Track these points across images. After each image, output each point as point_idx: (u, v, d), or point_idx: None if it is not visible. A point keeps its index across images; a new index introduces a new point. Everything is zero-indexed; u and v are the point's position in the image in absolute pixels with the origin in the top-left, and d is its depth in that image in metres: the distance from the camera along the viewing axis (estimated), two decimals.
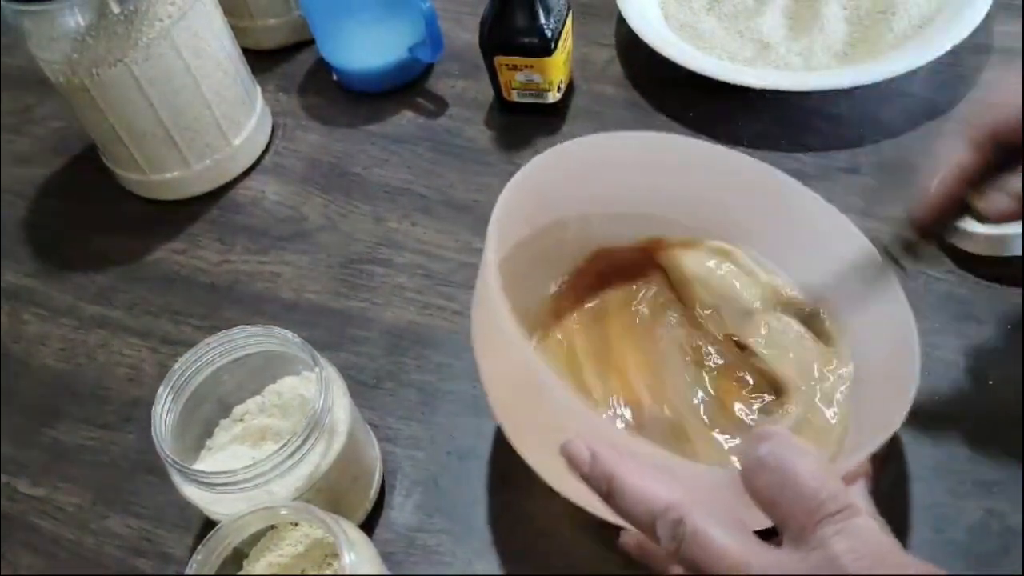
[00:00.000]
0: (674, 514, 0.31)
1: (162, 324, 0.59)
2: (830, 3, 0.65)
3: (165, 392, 0.42)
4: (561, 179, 0.47)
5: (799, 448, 0.31)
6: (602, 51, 0.70)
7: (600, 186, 0.49)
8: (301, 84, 0.73)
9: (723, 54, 0.65)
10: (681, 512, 0.31)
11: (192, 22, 0.58)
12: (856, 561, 0.28)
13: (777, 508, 0.30)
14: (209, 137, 0.63)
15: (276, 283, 0.60)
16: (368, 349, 0.55)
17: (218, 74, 0.62)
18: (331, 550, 0.41)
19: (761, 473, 0.31)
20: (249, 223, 0.64)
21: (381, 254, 0.60)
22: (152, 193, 0.66)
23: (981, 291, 0.52)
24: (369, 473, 0.47)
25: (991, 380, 0.49)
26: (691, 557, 0.30)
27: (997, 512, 0.44)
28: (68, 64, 0.57)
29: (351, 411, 0.44)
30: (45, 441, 0.54)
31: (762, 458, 0.31)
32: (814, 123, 0.62)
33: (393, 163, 0.66)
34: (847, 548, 0.28)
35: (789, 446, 0.31)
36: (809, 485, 0.30)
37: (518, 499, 0.48)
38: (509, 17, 0.60)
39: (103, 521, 0.51)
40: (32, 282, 0.63)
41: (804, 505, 0.29)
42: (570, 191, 0.48)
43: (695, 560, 0.30)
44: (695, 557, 0.30)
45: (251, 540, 0.41)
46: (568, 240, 0.51)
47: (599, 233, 0.51)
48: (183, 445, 0.44)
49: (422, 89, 0.70)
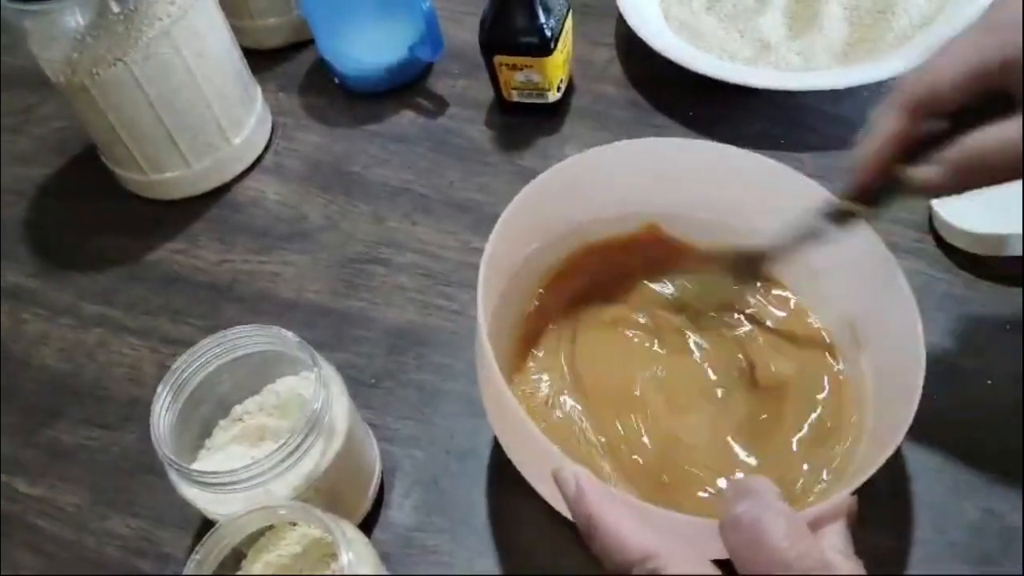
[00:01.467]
0: (651, 564, 0.31)
1: (162, 324, 0.59)
2: (830, 3, 0.65)
3: (164, 392, 0.42)
4: (555, 200, 0.47)
5: (775, 508, 0.31)
6: (602, 51, 0.70)
7: (597, 197, 0.49)
8: (301, 84, 0.73)
9: (723, 54, 0.65)
10: (658, 564, 0.31)
11: (192, 21, 0.58)
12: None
13: (748, 565, 0.31)
14: (209, 137, 0.63)
15: (276, 283, 0.60)
16: (368, 349, 0.55)
17: (218, 74, 0.62)
18: (330, 550, 0.41)
19: (736, 531, 0.31)
20: (249, 223, 0.64)
21: (381, 254, 0.60)
22: (152, 193, 0.66)
23: (981, 291, 0.52)
24: (368, 473, 0.47)
25: (991, 380, 0.49)
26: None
27: (997, 512, 0.44)
28: (68, 64, 0.57)
29: (350, 411, 0.44)
30: (45, 441, 0.54)
31: (738, 516, 0.31)
32: (814, 123, 0.62)
33: (393, 163, 0.66)
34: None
35: (766, 506, 0.31)
36: (779, 546, 0.30)
37: (517, 499, 0.48)
38: (509, 17, 0.60)
39: (102, 521, 0.51)
40: (32, 282, 0.63)
41: (772, 565, 0.30)
42: (567, 207, 0.49)
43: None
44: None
45: (249, 540, 0.41)
46: (569, 244, 0.51)
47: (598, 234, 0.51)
48: (182, 445, 0.44)
49: (422, 89, 0.70)
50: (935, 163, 0.38)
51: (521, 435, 0.39)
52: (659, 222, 0.51)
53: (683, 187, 0.49)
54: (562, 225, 0.50)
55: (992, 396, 0.48)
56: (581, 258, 0.52)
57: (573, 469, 0.34)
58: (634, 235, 0.52)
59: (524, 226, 0.46)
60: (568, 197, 0.48)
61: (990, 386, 0.48)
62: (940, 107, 0.38)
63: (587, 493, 0.33)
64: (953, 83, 0.37)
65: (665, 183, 0.49)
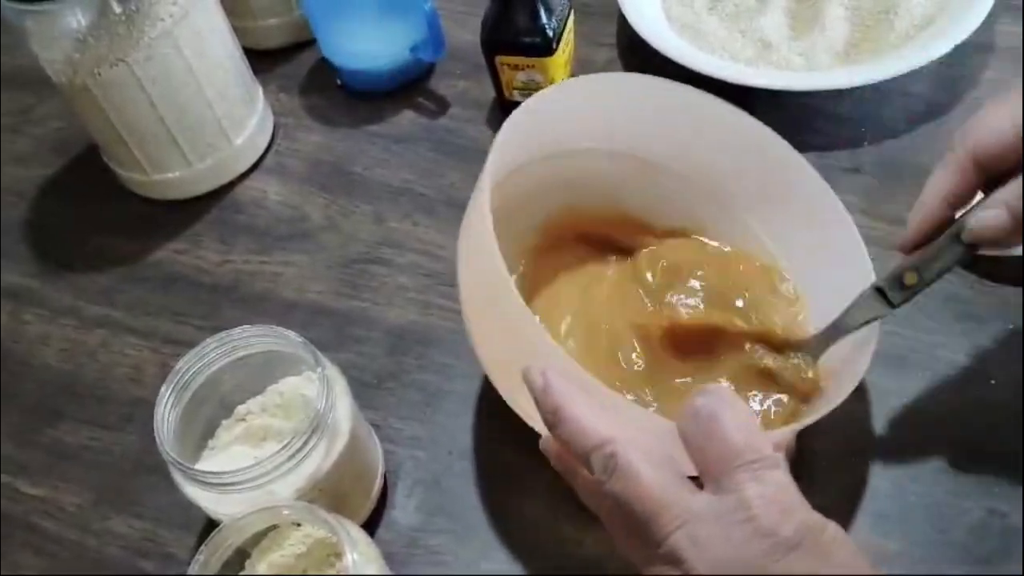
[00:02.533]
0: (608, 448, 0.33)
1: (163, 324, 0.59)
2: (832, 3, 0.65)
3: (167, 392, 0.42)
4: (562, 113, 0.48)
5: (732, 403, 0.33)
6: (603, 51, 0.70)
7: (599, 123, 0.50)
8: (302, 84, 0.73)
9: (724, 54, 0.65)
10: (615, 448, 0.33)
11: (194, 22, 0.58)
12: (765, 506, 0.30)
13: (702, 455, 0.32)
14: (210, 137, 0.63)
15: (277, 283, 0.60)
16: (370, 349, 0.55)
17: (220, 74, 0.62)
18: (333, 550, 0.41)
19: (693, 422, 0.33)
20: (250, 223, 0.64)
21: (382, 254, 0.60)
22: (153, 193, 0.66)
23: (982, 291, 0.52)
24: (371, 473, 0.47)
25: (992, 380, 0.49)
26: (617, 491, 0.32)
27: (998, 512, 0.44)
28: (70, 64, 0.57)
29: (353, 411, 0.44)
30: (46, 441, 0.54)
31: (696, 408, 0.33)
32: (816, 123, 0.62)
33: (394, 163, 0.66)
34: (758, 493, 0.30)
35: (723, 400, 0.33)
36: (732, 435, 0.32)
37: (520, 499, 0.48)
38: (510, 17, 0.60)
39: (105, 521, 0.51)
40: (33, 282, 0.63)
41: (725, 452, 0.32)
42: (570, 126, 0.49)
43: (620, 494, 0.32)
44: (621, 491, 0.32)
45: (253, 540, 0.41)
46: (559, 176, 0.52)
47: (587, 170, 0.52)
48: (185, 445, 0.44)
49: (423, 89, 0.70)
50: (989, 207, 0.38)
51: (509, 324, 0.40)
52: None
53: (660, 131, 0.51)
54: (550, 147, 0.50)
55: (993, 396, 0.48)
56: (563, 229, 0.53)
57: (540, 366, 0.36)
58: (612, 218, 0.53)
59: (537, 124, 0.46)
60: (563, 120, 0.49)
61: (991, 386, 0.48)
62: (990, 164, 0.39)
63: (553, 386, 0.35)
64: (1003, 139, 0.38)
65: (645, 123, 0.50)
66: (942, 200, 0.40)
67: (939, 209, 0.41)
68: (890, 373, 0.49)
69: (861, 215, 0.56)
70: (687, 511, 0.31)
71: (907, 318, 0.51)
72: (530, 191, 0.50)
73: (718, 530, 0.30)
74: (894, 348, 0.50)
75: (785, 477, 0.32)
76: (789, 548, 0.30)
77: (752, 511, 0.30)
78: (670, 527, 0.31)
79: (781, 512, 0.30)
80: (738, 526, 0.30)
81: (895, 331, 0.50)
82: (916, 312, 0.50)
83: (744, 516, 0.30)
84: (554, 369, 0.36)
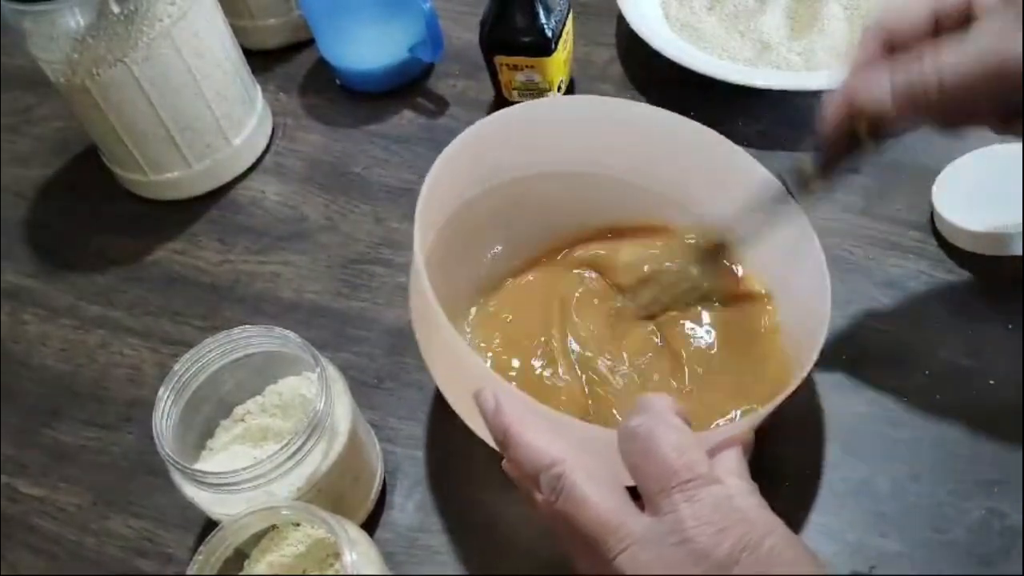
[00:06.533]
0: (556, 470, 0.34)
1: (162, 324, 0.59)
2: (831, 3, 0.65)
3: (166, 392, 0.42)
4: (500, 144, 0.49)
5: (668, 423, 0.34)
6: (602, 51, 0.70)
7: (541, 148, 0.50)
8: (301, 84, 0.73)
9: (724, 54, 0.65)
10: (563, 469, 0.33)
11: (192, 22, 0.58)
12: (698, 528, 0.31)
13: (640, 473, 0.33)
14: (209, 137, 0.63)
15: (276, 283, 0.60)
16: (369, 349, 0.55)
17: (218, 74, 0.62)
18: (332, 550, 0.41)
19: (631, 442, 0.34)
20: (249, 223, 0.64)
21: (382, 254, 0.60)
22: (152, 193, 0.66)
23: (981, 291, 0.52)
24: (370, 473, 0.47)
25: (992, 380, 0.49)
26: (565, 511, 0.33)
27: (998, 512, 0.44)
28: (68, 64, 0.57)
29: (352, 411, 0.44)
30: (45, 441, 0.54)
31: (633, 428, 0.34)
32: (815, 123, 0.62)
33: (394, 163, 0.66)
34: (691, 514, 0.31)
35: (660, 420, 0.34)
36: (667, 454, 0.33)
37: (519, 499, 0.48)
38: (510, 17, 0.60)
39: (104, 521, 0.51)
40: (32, 282, 0.63)
41: (661, 472, 0.32)
42: (511, 155, 0.50)
43: (568, 514, 0.33)
44: (568, 511, 0.33)
45: (252, 540, 0.41)
46: (512, 202, 0.52)
47: (540, 193, 0.52)
48: (184, 445, 0.44)
49: (423, 89, 0.70)
50: (880, 84, 0.38)
51: (452, 357, 0.41)
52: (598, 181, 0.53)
53: (621, 149, 0.51)
54: (500, 174, 0.51)
55: (992, 396, 0.48)
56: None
57: (492, 389, 0.37)
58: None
59: (461, 170, 0.47)
60: (506, 147, 0.49)
61: (991, 386, 0.48)
62: (897, 39, 0.39)
63: (504, 408, 0.36)
64: (914, 20, 0.38)
65: (605, 143, 0.51)
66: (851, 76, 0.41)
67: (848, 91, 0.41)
68: (890, 373, 0.49)
69: (861, 215, 0.56)
70: (630, 535, 0.32)
71: (907, 318, 0.51)
72: (481, 224, 0.51)
73: (657, 554, 0.31)
74: (894, 348, 0.50)
75: (723, 491, 0.32)
76: (725, 568, 0.30)
77: (686, 533, 0.31)
78: (615, 550, 0.32)
79: (716, 532, 0.31)
80: (674, 549, 0.31)
81: (895, 331, 0.50)
82: (916, 312, 0.50)
83: (679, 539, 0.31)
84: (504, 393, 0.36)
